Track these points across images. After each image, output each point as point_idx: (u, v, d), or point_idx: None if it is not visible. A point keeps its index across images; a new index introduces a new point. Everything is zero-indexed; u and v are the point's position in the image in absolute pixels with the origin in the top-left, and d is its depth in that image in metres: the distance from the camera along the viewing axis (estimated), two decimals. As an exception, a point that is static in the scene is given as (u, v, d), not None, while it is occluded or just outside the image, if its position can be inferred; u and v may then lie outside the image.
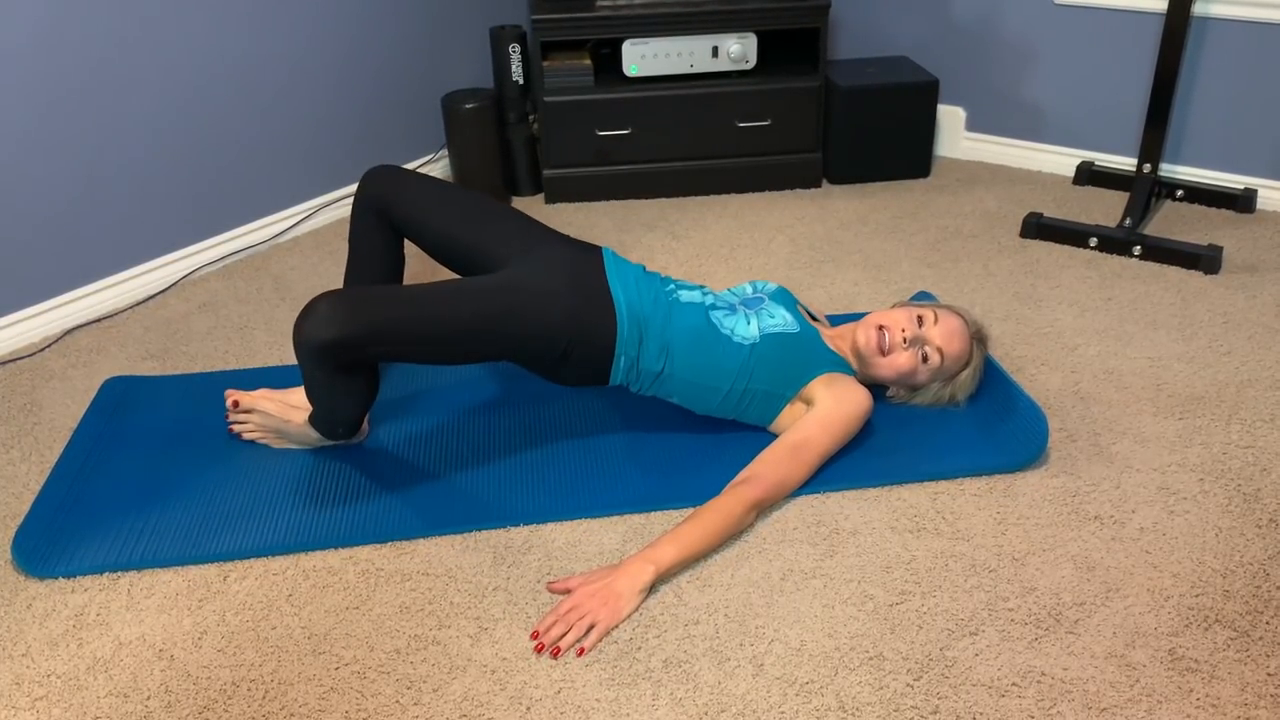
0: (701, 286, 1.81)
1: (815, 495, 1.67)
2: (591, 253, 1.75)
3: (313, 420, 1.69)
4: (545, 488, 1.69)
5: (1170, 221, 2.61)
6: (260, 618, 1.46)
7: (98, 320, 2.30)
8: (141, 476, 1.74)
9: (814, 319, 1.92)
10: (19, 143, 2.11)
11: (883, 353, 1.75)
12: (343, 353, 1.46)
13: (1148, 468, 1.71)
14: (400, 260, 1.89)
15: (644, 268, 1.77)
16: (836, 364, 1.75)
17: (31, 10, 2.06)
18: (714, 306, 1.74)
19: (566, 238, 1.79)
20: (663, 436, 1.81)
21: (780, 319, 1.74)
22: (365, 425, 1.82)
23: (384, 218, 1.83)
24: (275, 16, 2.50)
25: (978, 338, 1.82)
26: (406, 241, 2.35)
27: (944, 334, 1.76)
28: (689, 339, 1.69)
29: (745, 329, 1.72)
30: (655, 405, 1.90)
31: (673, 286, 1.76)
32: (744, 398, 1.72)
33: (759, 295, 1.82)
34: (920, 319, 1.76)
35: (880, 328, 1.76)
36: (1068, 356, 2.04)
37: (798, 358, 1.72)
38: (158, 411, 1.92)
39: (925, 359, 1.76)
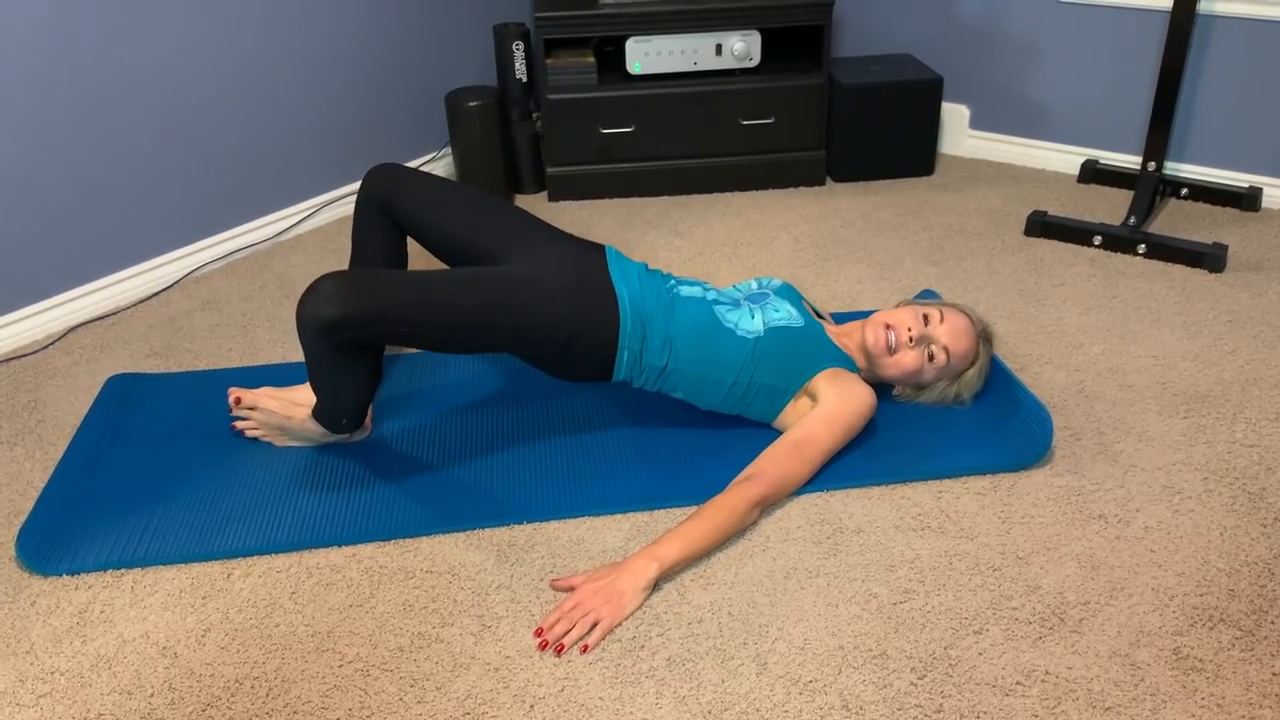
0: (703, 283, 1.81)
1: (819, 493, 1.66)
2: (594, 249, 1.75)
3: (316, 413, 1.70)
4: (549, 485, 1.69)
5: (1175, 220, 2.61)
6: (264, 615, 1.46)
7: (101, 318, 2.30)
8: (145, 474, 1.74)
9: (819, 316, 1.92)
10: (22, 140, 2.11)
11: (890, 351, 1.75)
12: (345, 331, 1.47)
13: (1152, 466, 1.71)
14: (403, 257, 1.90)
15: (646, 265, 1.77)
16: (841, 360, 1.75)
17: (35, 9, 2.06)
18: (717, 301, 1.75)
19: (569, 235, 1.80)
20: (666, 434, 1.81)
21: (785, 313, 1.74)
22: (368, 422, 1.82)
23: (387, 214, 1.85)
24: (278, 14, 2.50)
25: (983, 336, 1.82)
26: (410, 240, 2.36)
27: (950, 332, 1.75)
28: (693, 332, 1.69)
29: (750, 323, 1.72)
30: (659, 402, 1.90)
31: (674, 282, 1.77)
32: (748, 391, 1.72)
33: (764, 291, 1.82)
34: (926, 318, 1.76)
35: (887, 326, 1.75)
36: (1072, 355, 2.04)
37: (802, 352, 1.72)
38: (161, 409, 1.92)
39: (931, 358, 1.75)
